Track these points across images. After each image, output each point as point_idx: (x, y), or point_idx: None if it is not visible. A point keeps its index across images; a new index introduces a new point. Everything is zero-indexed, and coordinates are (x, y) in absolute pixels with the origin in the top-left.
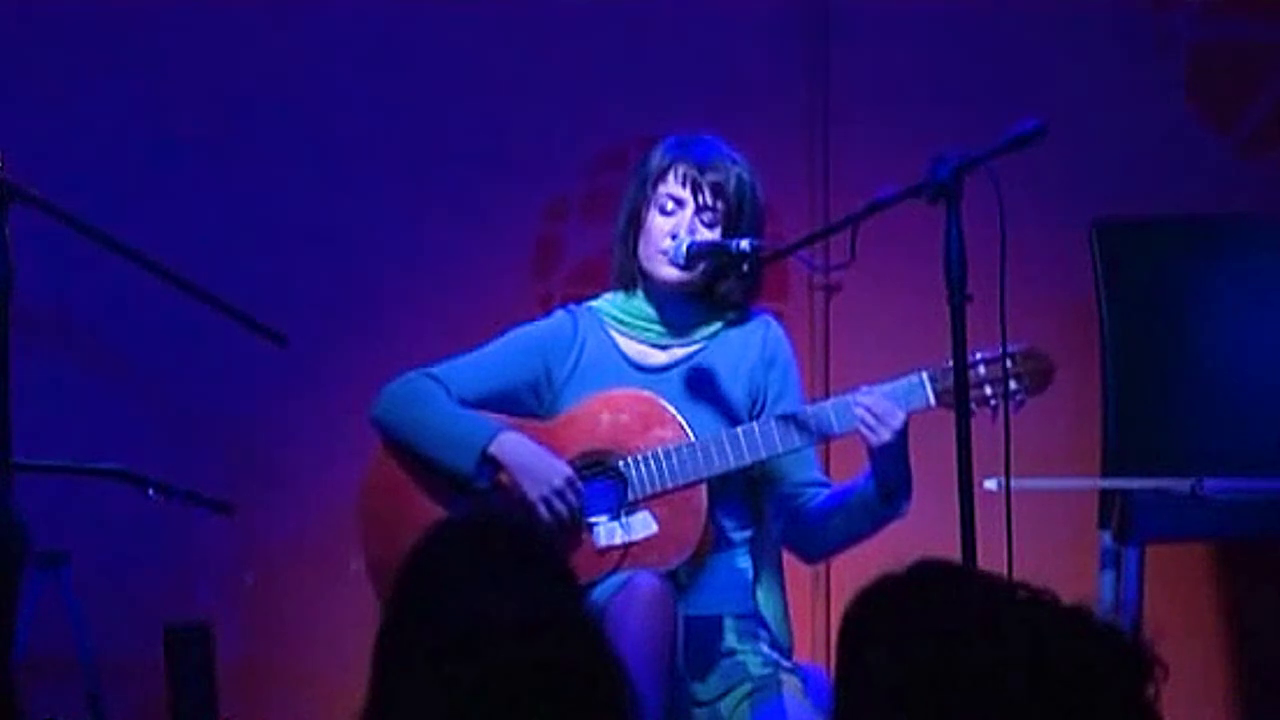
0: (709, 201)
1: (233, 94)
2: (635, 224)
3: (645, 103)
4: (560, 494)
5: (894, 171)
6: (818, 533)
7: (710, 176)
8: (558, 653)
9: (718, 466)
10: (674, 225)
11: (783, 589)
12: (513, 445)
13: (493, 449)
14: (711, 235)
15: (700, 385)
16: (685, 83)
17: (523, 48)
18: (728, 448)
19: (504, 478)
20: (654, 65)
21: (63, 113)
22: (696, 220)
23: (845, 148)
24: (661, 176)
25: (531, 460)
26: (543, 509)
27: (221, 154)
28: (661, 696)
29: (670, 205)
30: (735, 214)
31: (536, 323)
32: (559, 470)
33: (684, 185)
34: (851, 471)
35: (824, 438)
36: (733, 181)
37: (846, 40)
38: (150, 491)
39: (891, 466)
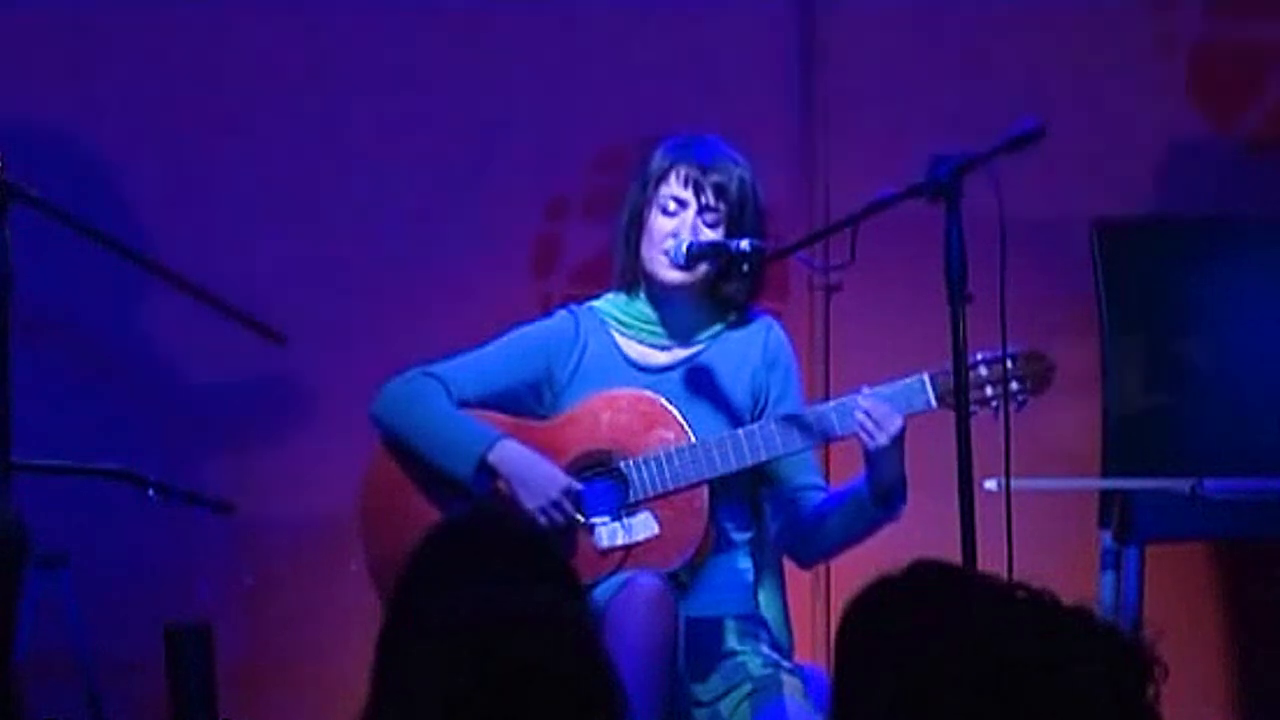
0: (711, 202)
1: (233, 94)
2: (637, 225)
3: (645, 103)
4: (557, 504)
5: (894, 171)
6: (814, 535)
7: (712, 177)
8: (553, 652)
9: (719, 468)
10: (676, 226)
11: (783, 590)
12: (511, 454)
13: (491, 457)
14: (713, 236)
15: (701, 386)
16: (685, 83)
17: (523, 48)
18: (729, 449)
19: (502, 486)
20: (654, 65)
21: (63, 113)
22: (698, 220)
23: (845, 148)
24: (663, 177)
25: (530, 470)
26: (541, 519)
27: (221, 153)
28: (662, 697)
29: (672, 206)
30: (737, 215)
31: (538, 323)
32: (557, 480)
33: (685, 186)
34: (852, 473)
35: (825, 439)
36: (735, 182)
37: (845, 40)
38: (150, 491)
39: (887, 470)
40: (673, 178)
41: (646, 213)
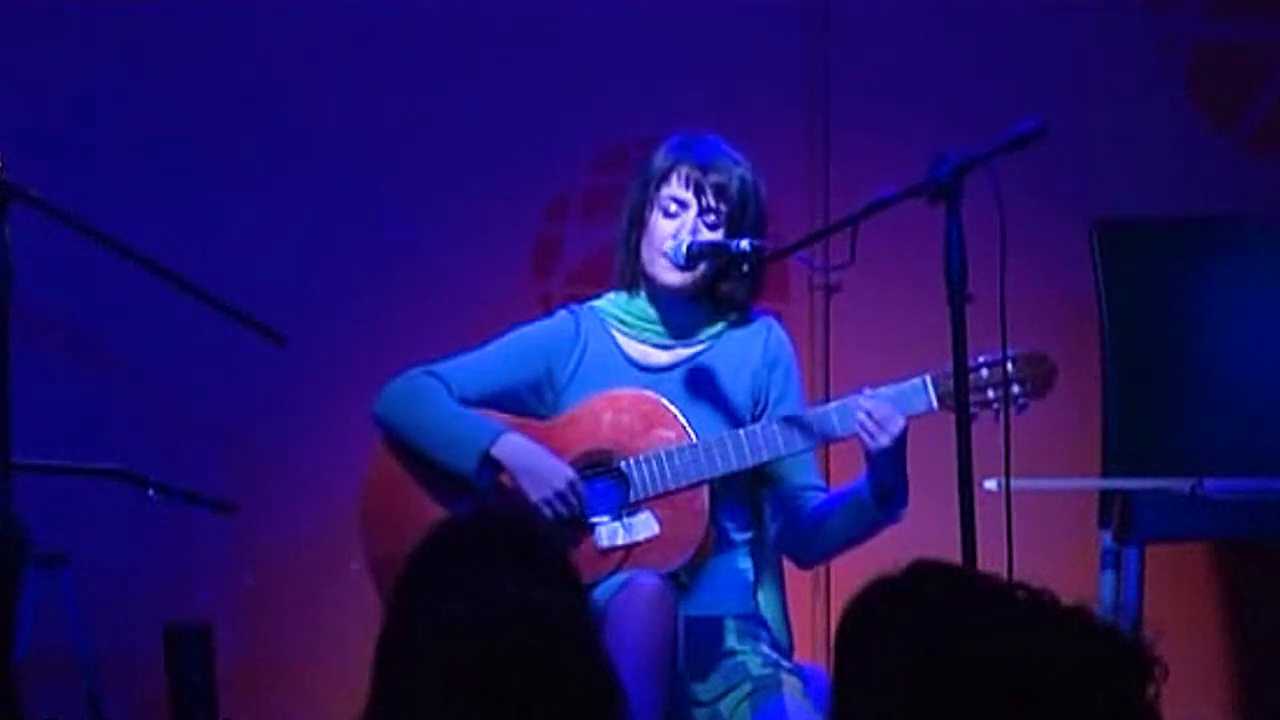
0: (712, 203)
1: (232, 93)
2: (638, 225)
3: (645, 103)
4: (561, 496)
5: (894, 171)
6: (813, 536)
7: (713, 178)
8: (553, 652)
9: (720, 468)
10: (677, 227)
11: (783, 590)
12: (515, 447)
13: (495, 450)
14: (714, 236)
15: (702, 385)
16: (685, 82)
17: (522, 47)
18: (730, 449)
19: (505, 479)
20: (654, 65)
21: (63, 113)
22: (699, 222)
23: (845, 148)
24: (664, 178)
25: (533, 462)
26: (544, 511)
27: (220, 153)
28: (662, 696)
29: (673, 207)
30: (738, 215)
31: (539, 322)
32: (561, 472)
33: (687, 187)
34: (852, 473)
35: (826, 440)
36: (735, 183)
37: (846, 40)
38: (150, 491)
39: (889, 471)
40: (674, 178)
41: (647, 213)
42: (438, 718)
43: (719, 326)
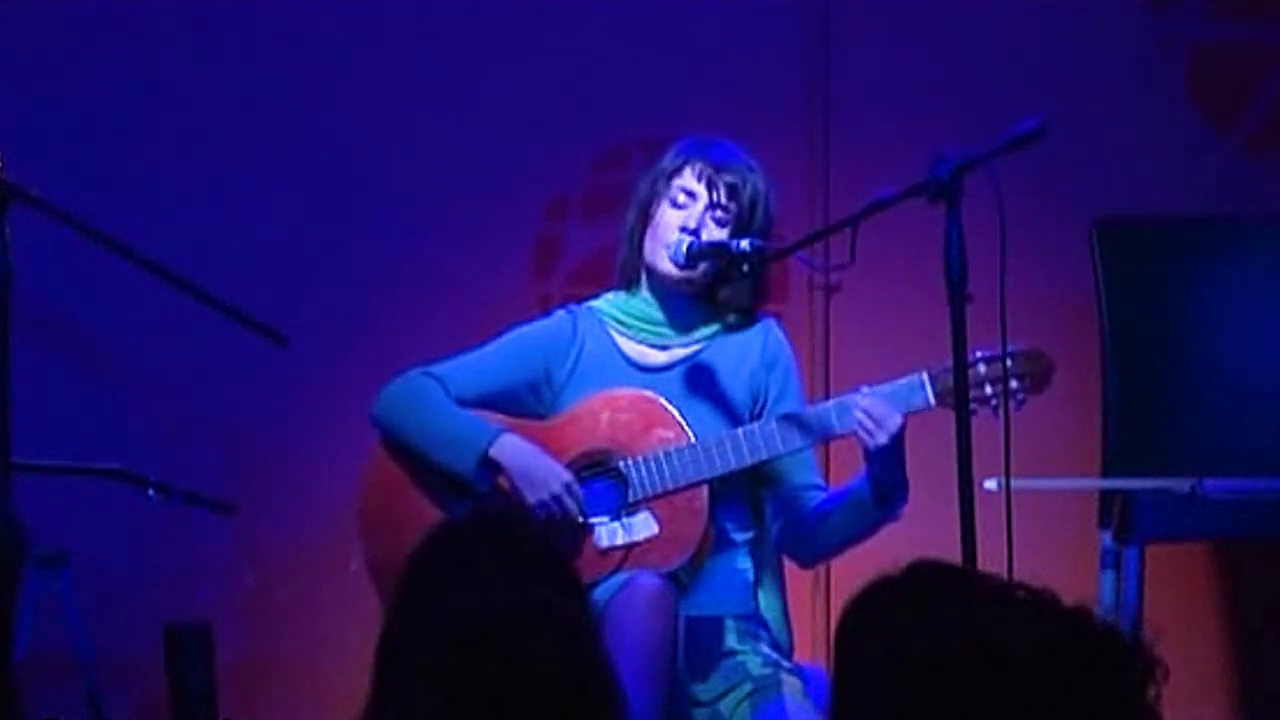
0: (722, 200)
1: (232, 93)
2: (644, 219)
3: (645, 103)
4: (559, 498)
5: (894, 171)
6: (813, 535)
7: (726, 177)
8: (553, 653)
9: (719, 467)
10: (685, 218)
11: (783, 590)
12: (513, 448)
13: (493, 451)
14: (719, 234)
15: (700, 385)
16: (685, 82)
17: (523, 47)
18: (729, 448)
19: (503, 480)
20: (654, 65)
21: (64, 113)
22: (707, 216)
23: (845, 148)
24: (677, 171)
25: (531, 464)
26: (542, 513)
27: (220, 153)
28: (661, 696)
29: (682, 198)
30: (747, 218)
31: (536, 322)
32: (558, 474)
33: (699, 180)
34: (852, 473)
35: (826, 438)
36: (748, 186)
37: (846, 40)
38: (150, 491)
39: (887, 469)
40: (687, 171)
41: (655, 206)
42: (437, 719)
43: (717, 327)
